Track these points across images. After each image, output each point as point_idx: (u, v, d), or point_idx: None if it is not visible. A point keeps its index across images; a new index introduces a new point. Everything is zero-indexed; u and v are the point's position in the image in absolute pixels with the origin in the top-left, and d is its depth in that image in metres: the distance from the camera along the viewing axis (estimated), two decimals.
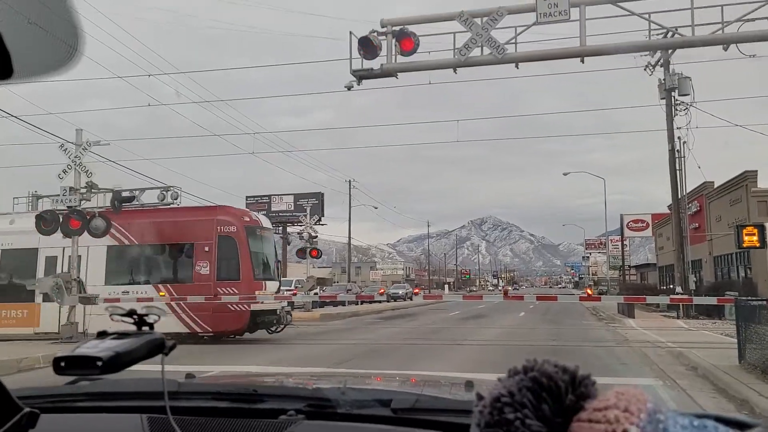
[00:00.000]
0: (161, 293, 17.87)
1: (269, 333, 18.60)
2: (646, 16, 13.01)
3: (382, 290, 52.61)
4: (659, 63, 24.73)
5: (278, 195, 54.74)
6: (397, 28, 13.87)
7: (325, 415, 1.72)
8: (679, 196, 25.83)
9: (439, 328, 22.62)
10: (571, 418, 0.68)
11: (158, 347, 1.38)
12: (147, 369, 1.52)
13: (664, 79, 24.67)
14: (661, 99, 25.21)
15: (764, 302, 12.62)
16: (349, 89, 14.83)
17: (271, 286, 18.79)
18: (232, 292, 17.39)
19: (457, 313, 32.08)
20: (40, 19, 0.98)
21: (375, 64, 14.41)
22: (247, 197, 55.12)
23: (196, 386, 2.01)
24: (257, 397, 1.81)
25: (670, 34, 13.33)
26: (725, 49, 12.87)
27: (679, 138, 25.06)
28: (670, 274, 40.11)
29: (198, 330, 17.49)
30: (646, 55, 24.24)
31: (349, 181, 56.91)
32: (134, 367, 1.35)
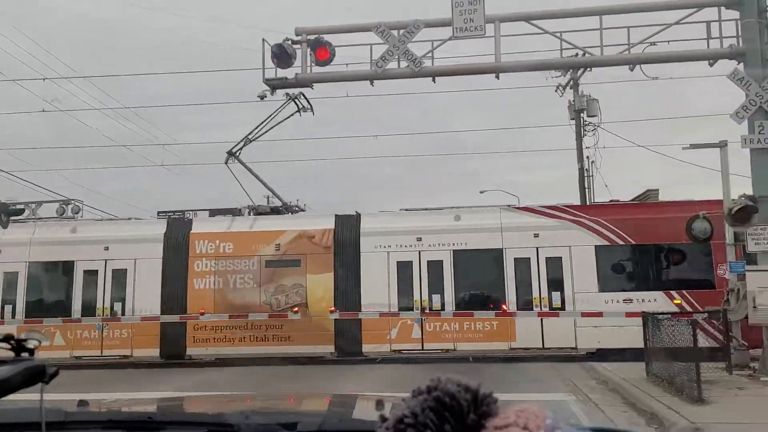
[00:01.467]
0: (676, 301, 15.54)
1: None
2: (558, 34, 13.27)
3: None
4: (569, 85, 25.60)
5: (193, 210, 52.91)
6: (312, 37, 13.51)
7: None
8: None
9: None
10: None
11: (38, 375, 1.28)
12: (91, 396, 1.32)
13: (574, 100, 25.54)
14: (571, 120, 26.09)
15: (669, 316, 13.01)
16: (262, 99, 14.35)
17: None
18: None
19: None
20: None
21: (290, 73, 13.99)
22: (158, 212, 53.00)
23: (87, 415, 1.88)
24: (153, 425, 1.69)
25: (581, 53, 13.67)
26: (631, 70, 13.31)
27: (587, 157, 25.97)
28: None
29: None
30: (557, 76, 25.05)
31: (267, 197, 55.86)
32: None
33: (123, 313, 17.36)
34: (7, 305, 17.77)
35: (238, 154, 19.43)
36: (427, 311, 16.48)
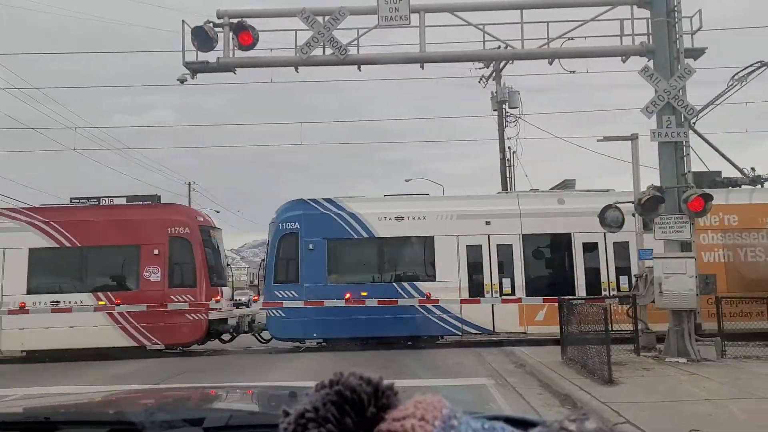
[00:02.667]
0: None
1: None
2: (481, 27, 13.50)
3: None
4: (492, 76, 26.15)
5: (108, 197, 50.72)
6: (234, 21, 13.16)
7: None
8: None
9: None
10: (372, 430, 0.70)
11: None
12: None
13: (496, 92, 26.12)
14: (494, 110, 26.68)
15: (583, 301, 13.58)
16: (182, 82, 13.81)
17: None
18: None
19: None
20: None
21: (211, 57, 13.60)
22: (71, 198, 50.60)
23: None
24: (51, 425, 1.63)
25: (503, 46, 13.96)
26: (550, 64, 13.71)
27: (509, 148, 26.67)
28: None
29: None
30: (481, 68, 25.52)
31: (189, 184, 54.30)
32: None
33: (630, 288, 16.20)
34: (504, 279, 17.02)
35: (693, 123, 18.69)
36: None
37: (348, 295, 16.87)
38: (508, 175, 26.80)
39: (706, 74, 16.20)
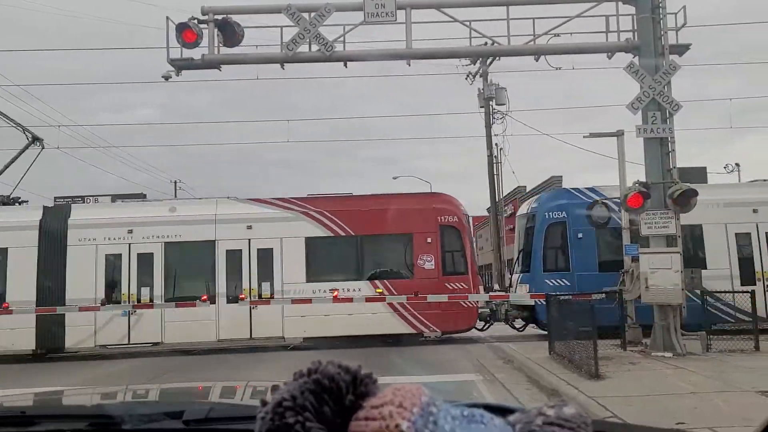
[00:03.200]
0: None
1: None
2: (468, 23, 13.49)
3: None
4: (479, 73, 26.18)
5: (93, 196, 50.29)
6: (219, 17, 13.07)
7: None
8: (497, 200, 27.58)
9: None
10: (350, 417, 0.70)
11: None
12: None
13: (483, 89, 26.16)
14: (481, 107, 26.72)
15: (570, 297, 13.64)
16: (166, 79, 13.73)
17: None
18: None
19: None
20: None
21: (196, 54, 13.50)
22: (55, 198, 50.08)
23: None
24: (27, 420, 1.61)
25: (489, 42, 13.97)
26: (536, 60, 13.75)
27: (496, 145, 26.74)
28: (489, 272, 42.83)
29: None
30: (468, 65, 25.55)
31: (175, 182, 54.04)
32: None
33: None
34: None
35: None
36: None
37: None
38: (495, 172, 26.86)
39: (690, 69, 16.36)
